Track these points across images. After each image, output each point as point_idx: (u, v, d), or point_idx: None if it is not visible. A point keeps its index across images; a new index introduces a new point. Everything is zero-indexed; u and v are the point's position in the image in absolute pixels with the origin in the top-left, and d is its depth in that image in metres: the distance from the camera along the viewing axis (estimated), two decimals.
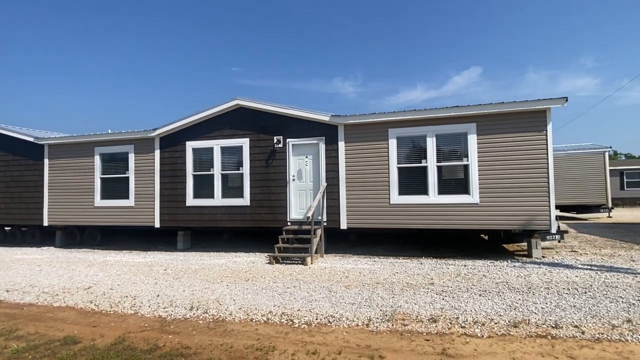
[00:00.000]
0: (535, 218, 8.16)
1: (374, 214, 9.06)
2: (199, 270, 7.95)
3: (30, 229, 12.95)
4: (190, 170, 10.55)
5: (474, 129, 8.47)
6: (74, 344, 4.15)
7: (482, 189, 8.38)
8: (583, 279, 6.41)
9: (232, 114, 10.31)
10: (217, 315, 4.99)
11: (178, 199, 10.58)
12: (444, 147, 8.72)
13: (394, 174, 8.93)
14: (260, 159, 10.08)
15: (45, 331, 4.59)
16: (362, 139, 9.23)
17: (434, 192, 8.67)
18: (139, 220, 10.93)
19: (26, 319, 5.11)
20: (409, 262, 8.17)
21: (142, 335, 4.35)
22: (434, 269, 7.51)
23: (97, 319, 5.00)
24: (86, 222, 11.58)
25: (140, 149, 10.97)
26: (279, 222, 9.80)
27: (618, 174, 29.06)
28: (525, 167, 8.16)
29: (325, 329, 4.43)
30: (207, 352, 3.85)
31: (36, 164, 12.23)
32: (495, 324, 4.40)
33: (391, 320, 4.61)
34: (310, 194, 9.78)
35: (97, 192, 11.39)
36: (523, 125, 8.18)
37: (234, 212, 10.19)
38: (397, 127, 8.95)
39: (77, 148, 11.65)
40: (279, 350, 3.85)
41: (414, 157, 8.92)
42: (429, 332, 4.23)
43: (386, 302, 5.37)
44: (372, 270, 7.51)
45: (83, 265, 8.78)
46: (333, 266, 7.99)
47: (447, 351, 3.73)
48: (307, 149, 9.83)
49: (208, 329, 4.51)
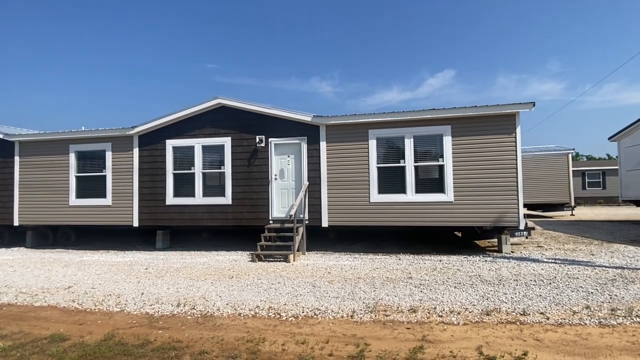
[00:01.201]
0: (505, 215, 8.67)
1: (355, 212, 9.34)
2: (182, 268, 7.97)
3: None
4: (171, 169, 10.49)
5: (449, 130, 8.89)
6: (63, 341, 4.16)
7: (457, 188, 8.82)
8: (548, 271, 6.91)
9: (213, 112, 10.33)
10: (205, 311, 5.09)
11: (158, 198, 10.49)
12: (421, 147, 9.11)
13: (373, 174, 9.24)
14: (242, 158, 10.15)
15: (29, 330, 4.56)
16: (343, 139, 9.49)
17: (411, 191, 9.04)
18: (116, 219, 10.75)
19: (7, 318, 5.03)
20: (388, 258, 8.49)
21: (131, 331, 4.41)
22: (412, 264, 7.86)
23: (83, 317, 5.00)
24: (60, 222, 11.27)
25: (118, 147, 10.78)
26: (261, 221, 9.91)
27: (580, 175, 30.82)
28: (497, 167, 8.66)
29: (312, 321, 4.63)
30: (199, 345, 3.97)
31: (5, 162, 11.77)
32: (469, 313, 4.74)
33: (374, 311, 4.87)
34: (292, 193, 9.95)
35: (72, 190, 11.10)
36: (494, 127, 8.68)
37: (216, 211, 10.21)
38: (377, 128, 9.26)
39: (50, 145, 11.31)
40: (269, 341, 4.02)
41: (392, 157, 9.27)
42: (410, 322, 4.51)
43: (368, 295, 5.63)
44: (353, 266, 7.77)
45: (59, 266, 8.59)
46: (315, 263, 8.19)
47: (427, 337, 4.01)
48: (289, 149, 9.99)
49: (197, 324, 4.62)
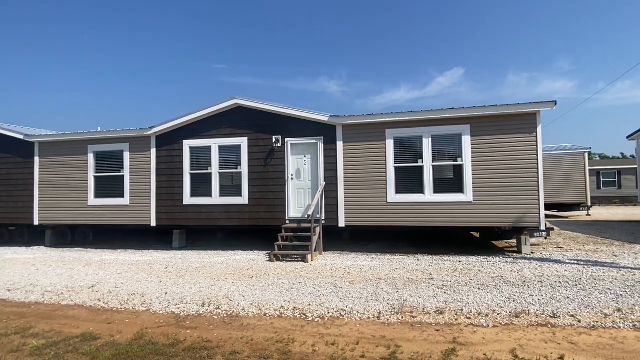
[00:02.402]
0: (526, 216, 8.56)
1: (372, 212, 9.30)
2: (201, 268, 8.02)
3: (19, 228, 12.66)
4: (188, 169, 10.56)
5: (468, 130, 8.80)
6: (94, 340, 4.21)
7: (476, 188, 8.73)
8: (572, 273, 6.79)
9: (230, 113, 10.37)
10: (230, 311, 5.11)
11: (175, 198, 10.58)
12: (440, 147, 9.03)
13: (391, 173, 9.19)
14: (258, 158, 10.18)
15: (60, 329, 4.62)
16: (360, 139, 9.46)
17: (429, 191, 8.98)
18: (134, 219, 10.87)
19: (37, 317, 5.11)
20: (406, 259, 8.44)
21: (160, 331, 4.44)
22: (431, 265, 7.80)
23: (110, 316, 5.06)
24: (79, 221, 11.43)
25: (136, 147, 10.90)
26: (278, 221, 9.93)
27: (595, 174, 30.31)
28: (517, 167, 8.55)
29: (339, 321, 4.62)
30: (229, 345, 3.98)
31: (26, 162, 11.98)
32: (498, 315, 4.69)
33: (400, 313, 4.84)
34: (309, 193, 9.95)
35: (90, 190, 11.25)
36: (515, 127, 8.57)
37: (232, 211, 10.26)
38: (394, 127, 9.21)
39: (69, 146, 11.48)
40: (299, 341, 4.02)
41: (410, 157, 9.21)
42: (438, 323, 4.47)
43: (392, 296, 5.60)
44: (372, 266, 7.74)
45: (80, 265, 8.71)
46: (333, 263, 8.18)
47: (458, 340, 3.97)
48: (305, 149, 9.99)
49: (224, 324, 4.64)
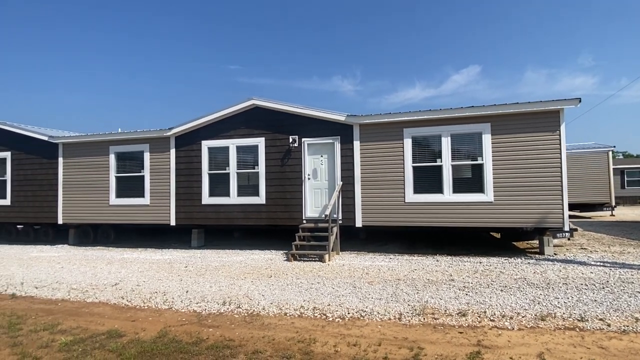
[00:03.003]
0: (549, 216, 8.35)
1: (389, 212, 9.23)
2: (220, 267, 8.10)
3: (43, 227, 13.06)
4: (206, 169, 10.70)
5: (488, 128, 8.64)
6: (119, 337, 4.30)
7: (497, 187, 8.56)
8: (598, 275, 6.59)
9: (247, 113, 10.45)
10: (251, 310, 5.15)
11: (194, 198, 10.73)
12: (459, 146, 8.89)
13: (409, 173, 9.10)
14: (275, 158, 10.23)
15: (86, 325, 4.73)
16: (377, 138, 9.39)
17: (448, 190, 8.85)
18: (154, 218, 11.07)
19: (64, 314, 5.25)
20: (425, 260, 8.34)
21: (183, 329, 4.50)
22: (451, 266, 7.69)
23: (134, 314, 5.15)
24: (101, 221, 11.71)
25: (156, 147, 11.09)
26: (295, 220, 9.96)
27: (619, 173, 29.36)
28: (539, 166, 8.35)
29: (360, 322, 4.59)
30: (251, 344, 4.01)
31: (50, 163, 12.34)
32: (522, 318, 4.58)
33: (422, 314, 4.78)
34: (326, 193, 9.94)
35: (112, 190, 11.51)
36: (537, 125, 8.36)
37: (250, 211, 10.34)
38: (412, 126, 9.12)
39: (91, 147, 11.77)
40: (320, 342, 4.01)
41: (429, 157, 9.10)
42: (461, 325, 4.40)
43: (412, 297, 5.54)
44: (390, 267, 7.67)
45: (103, 263, 8.91)
46: (351, 263, 8.15)
47: (482, 342, 3.90)
48: (322, 148, 9.99)
49: (245, 323, 4.67)
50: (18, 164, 12.76)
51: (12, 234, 13.57)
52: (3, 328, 4.65)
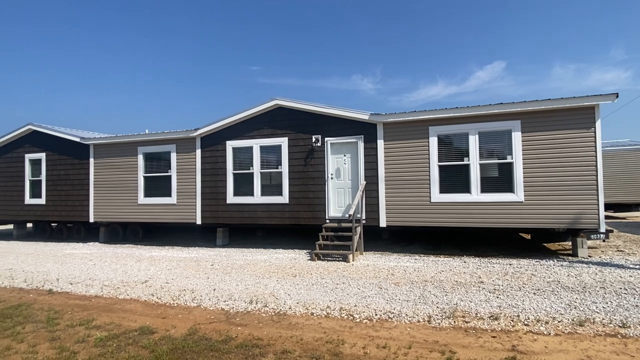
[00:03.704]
0: (583, 216, 8.01)
1: (414, 212, 9.08)
2: (245, 265, 8.19)
3: (75, 226, 13.57)
4: (231, 169, 10.84)
5: (518, 126, 8.36)
6: (151, 334, 4.39)
7: (528, 187, 8.28)
8: (638, 279, 6.27)
9: (271, 113, 10.52)
10: (278, 309, 5.16)
11: (219, 197, 10.89)
12: (487, 144, 8.65)
13: (434, 172, 8.92)
14: (298, 157, 10.25)
15: (119, 322, 4.87)
16: (401, 137, 9.26)
17: (476, 190, 8.62)
18: (181, 217, 11.31)
19: (98, 309, 5.42)
20: (452, 261, 8.17)
21: (212, 327, 4.56)
22: (479, 267, 7.49)
23: (164, 311, 5.26)
24: (129, 219, 12.05)
25: (182, 148, 11.33)
26: (318, 220, 9.95)
27: None
28: (574, 164, 8.02)
29: (388, 324, 4.53)
30: (279, 343, 4.01)
31: (82, 163, 12.80)
32: (559, 323, 4.40)
33: (452, 317, 4.67)
34: (349, 192, 9.89)
35: (140, 190, 11.84)
36: (571, 122, 8.03)
37: (273, 210, 10.41)
38: (438, 124, 8.93)
39: (121, 148, 12.14)
40: (349, 343, 3.97)
41: (455, 155, 8.89)
42: (493, 329, 4.27)
43: (440, 299, 5.42)
44: (416, 268, 7.55)
45: (132, 260, 9.17)
46: (375, 264, 8.07)
47: (518, 348, 3.76)
48: (345, 148, 9.93)
49: (273, 322, 4.69)
50: (52, 165, 13.30)
51: (46, 232, 14.18)
52: (42, 323, 4.85)
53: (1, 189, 14.11)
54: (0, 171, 14.16)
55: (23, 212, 13.71)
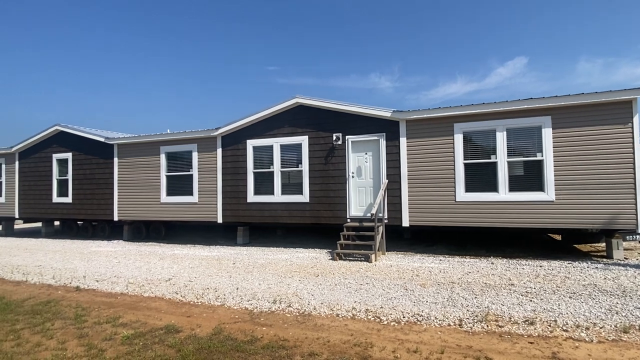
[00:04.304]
0: (619, 217, 7.61)
1: (438, 212, 8.84)
2: (266, 264, 8.15)
3: (100, 224, 13.88)
4: (251, 168, 10.84)
5: (548, 122, 8.02)
6: (177, 333, 4.37)
7: (559, 185, 7.93)
8: None
9: (291, 112, 10.45)
10: (302, 309, 5.07)
11: (239, 196, 10.91)
12: (516, 141, 8.33)
13: (460, 171, 8.66)
14: (319, 156, 10.15)
15: (145, 319, 4.88)
16: (425, 134, 9.03)
17: (504, 189, 8.32)
18: (202, 216, 11.39)
19: (124, 307, 5.46)
20: (479, 262, 7.90)
21: (237, 327, 4.51)
22: (508, 269, 7.21)
23: (188, 310, 5.25)
24: (152, 218, 12.22)
25: (204, 147, 11.40)
26: (339, 219, 9.83)
27: None
28: (608, 162, 7.63)
29: (417, 327, 4.37)
30: (306, 345, 3.92)
31: (106, 163, 13.07)
32: (601, 329, 4.15)
33: (484, 321, 4.47)
34: (370, 191, 9.72)
35: (162, 189, 11.98)
36: (606, 117, 7.64)
37: (294, 209, 10.34)
38: (463, 121, 8.66)
39: (144, 147, 12.32)
40: (378, 346, 3.84)
41: (482, 153, 8.61)
42: (530, 335, 4.05)
43: (470, 302, 5.22)
44: (441, 269, 7.33)
45: (155, 258, 9.27)
46: (399, 264, 7.89)
47: (558, 355, 3.55)
48: (367, 146, 9.77)
49: (298, 323, 4.60)
50: (78, 164, 13.63)
51: (73, 230, 14.56)
52: (70, 319, 4.90)
53: (31, 187, 14.57)
54: (30, 170, 14.63)
55: (51, 210, 14.11)
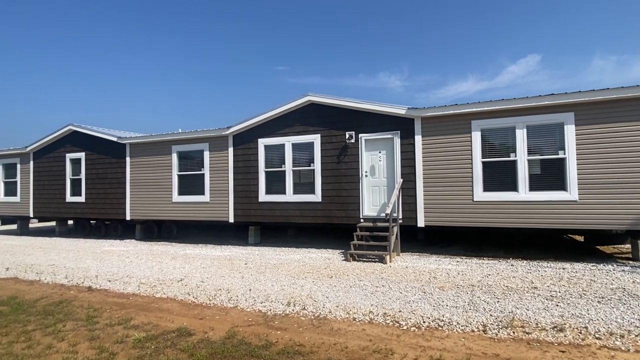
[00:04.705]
0: None
1: (455, 212, 8.59)
2: (279, 265, 8.01)
3: (113, 223, 13.92)
4: (263, 167, 10.72)
5: (571, 118, 7.71)
6: (189, 336, 4.25)
7: (582, 184, 7.61)
8: None
9: (303, 110, 10.30)
10: (317, 313, 4.91)
11: (251, 195, 10.80)
12: (536, 139, 8.03)
13: (477, 169, 8.39)
14: (331, 154, 9.97)
15: (157, 322, 4.77)
16: (441, 132, 8.78)
17: (524, 188, 8.03)
18: (214, 215, 11.32)
19: (135, 308, 5.37)
20: (498, 264, 7.64)
21: (250, 330, 4.36)
22: (530, 271, 6.94)
23: (201, 312, 5.13)
24: (164, 217, 12.20)
25: (215, 146, 11.33)
26: (351, 219, 9.64)
27: None
28: (634, 159, 7.29)
29: (439, 333, 4.17)
30: (323, 351, 3.75)
31: (118, 162, 13.10)
32: (637, 337, 3.89)
33: (509, 327, 4.24)
34: (384, 190, 9.51)
35: (174, 188, 11.95)
36: (632, 113, 7.30)
37: (305, 208, 10.19)
38: (481, 118, 8.39)
39: (155, 147, 12.30)
40: (399, 353, 3.66)
41: (501, 151, 8.33)
42: (560, 343, 3.82)
43: (492, 306, 4.99)
44: (459, 271, 7.10)
45: (167, 258, 9.21)
46: (414, 265, 7.67)
47: None
48: (380, 144, 9.56)
49: (313, 327, 4.44)
50: (91, 164, 13.70)
51: (86, 229, 14.66)
52: (82, 321, 4.82)
53: (45, 187, 14.71)
54: (44, 170, 14.77)
55: (64, 210, 14.22)
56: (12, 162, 15.54)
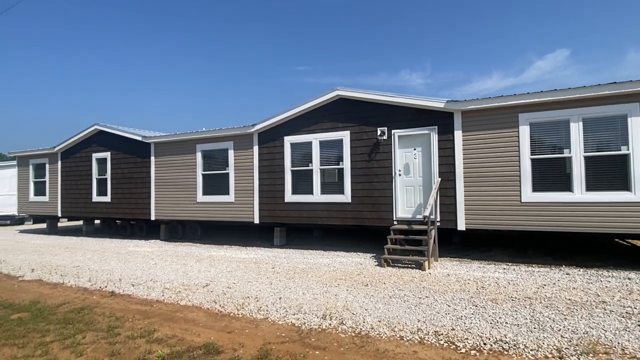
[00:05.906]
0: None
1: (500, 214, 7.86)
2: (308, 270, 7.52)
3: (138, 223, 13.82)
4: (289, 166, 10.26)
5: (636, 110, 6.85)
6: (217, 354, 3.80)
7: None
8: None
9: (331, 105, 9.77)
10: (357, 328, 4.37)
11: (277, 195, 10.36)
12: (594, 133, 7.20)
13: (526, 167, 7.63)
14: (362, 152, 9.40)
15: (182, 335, 4.35)
16: (484, 126, 8.06)
17: (579, 188, 7.22)
18: (239, 215, 10.95)
19: (159, 318, 4.98)
20: (551, 272, 6.88)
21: (284, 348, 3.87)
22: (590, 282, 6.17)
23: (229, 323, 4.68)
24: (189, 217, 11.95)
25: (240, 145, 10.96)
26: (384, 221, 9.04)
27: None
28: None
29: (506, 358, 3.55)
30: None
31: (143, 162, 12.95)
32: None
33: (591, 353, 3.58)
34: (420, 190, 8.86)
35: (199, 188, 11.67)
36: None
37: (334, 209, 9.66)
38: (529, 111, 7.62)
39: (180, 146, 12.06)
40: None
41: (552, 147, 7.54)
42: None
43: (561, 325, 4.31)
44: (509, 280, 6.40)
45: (192, 260, 8.88)
46: (457, 273, 7.01)
47: None
48: (415, 141, 8.91)
49: (355, 346, 3.90)
50: (116, 164, 13.63)
51: (112, 228, 14.65)
52: (102, 332, 4.46)
53: (72, 187, 14.78)
54: (71, 170, 14.84)
55: (91, 209, 14.24)
56: (41, 162, 15.73)
